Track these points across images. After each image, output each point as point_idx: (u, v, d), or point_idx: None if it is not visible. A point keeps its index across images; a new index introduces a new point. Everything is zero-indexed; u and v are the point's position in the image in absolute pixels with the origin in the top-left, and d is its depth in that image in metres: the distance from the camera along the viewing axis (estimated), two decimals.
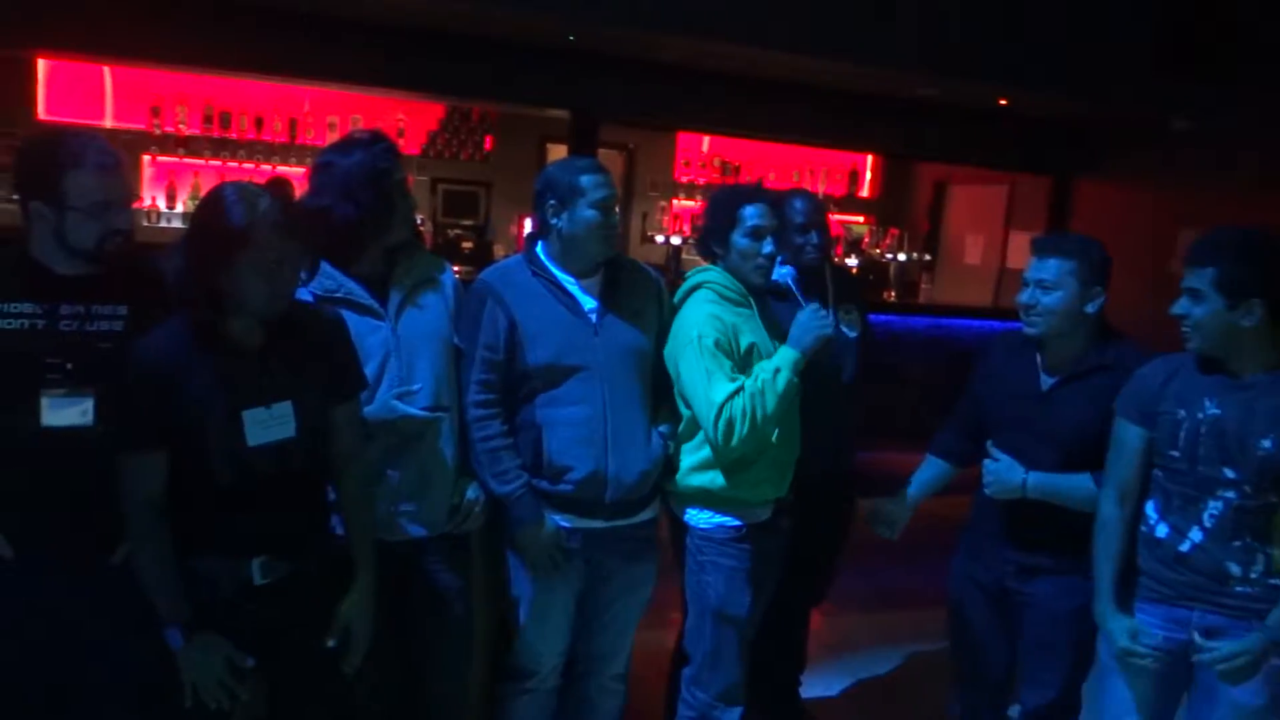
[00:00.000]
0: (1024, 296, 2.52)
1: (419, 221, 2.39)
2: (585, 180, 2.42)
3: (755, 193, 2.60)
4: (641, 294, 2.55)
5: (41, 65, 6.92)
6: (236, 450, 1.97)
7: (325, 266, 2.26)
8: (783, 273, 2.61)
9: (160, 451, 1.97)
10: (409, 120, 7.83)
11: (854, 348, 3.07)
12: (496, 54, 6.34)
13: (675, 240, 8.61)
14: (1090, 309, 2.47)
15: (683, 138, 8.73)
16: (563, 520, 2.47)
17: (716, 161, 8.89)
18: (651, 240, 8.58)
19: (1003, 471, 2.53)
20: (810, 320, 2.50)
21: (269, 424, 2.00)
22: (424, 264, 2.42)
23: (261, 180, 2.03)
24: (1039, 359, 2.58)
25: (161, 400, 1.94)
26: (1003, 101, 7.06)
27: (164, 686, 2.13)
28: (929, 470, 2.87)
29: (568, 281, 2.47)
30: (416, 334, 2.33)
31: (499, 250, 8.16)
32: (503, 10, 5.42)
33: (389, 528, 2.32)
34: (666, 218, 8.74)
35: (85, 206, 2.01)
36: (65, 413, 2.03)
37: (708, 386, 2.42)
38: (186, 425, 1.95)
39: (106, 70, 7.09)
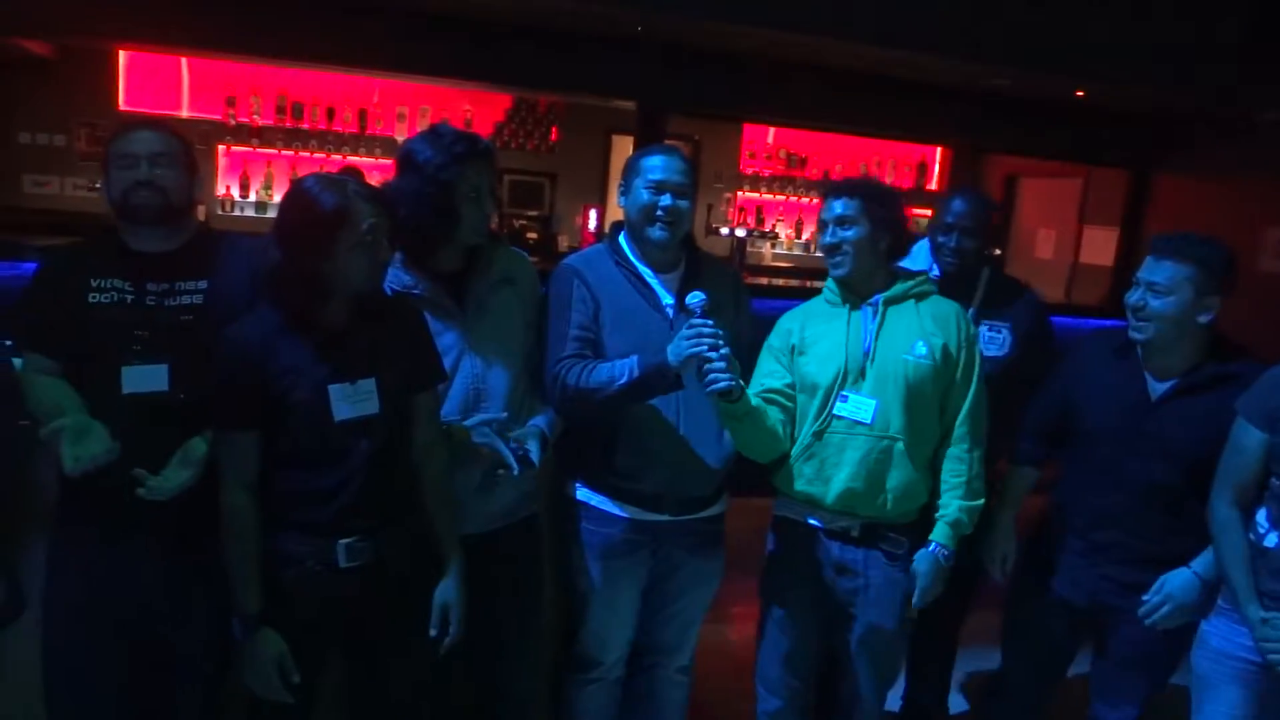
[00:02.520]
0: (1133, 297, 2.40)
1: (492, 222, 2.35)
2: (645, 162, 2.40)
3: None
4: (720, 290, 2.49)
5: (122, 57, 7.11)
6: (323, 426, 2.02)
7: (401, 262, 2.27)
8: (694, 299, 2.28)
9: (252, 432, 2.03)
10: (476, 111, 7.89)
11: (996, 366, 2.80)
12: (564, 45, 6.36)
13: (740, 233, 8.55)
14: (1203, 319, 2.34)
15: (749, 129, 8.67)
16: (631, 513, 2.46)
17: (782, 153, 8.82)
18: (716, 232, 8.53)
19: (1184, 597, 2.38)
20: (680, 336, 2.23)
21: (354, 399, 2.05)
22: (502, 263, 2.39)
23: (333, 170, 2.08)
24: (1144, 364, 2.47)
25: (250, 380, 2.00)
26: (1080, 94, 6.88)
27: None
28: (1023, 481, 2.74)
29: (647, 273, 2.44)
30: (491, 335, 2.33)
31: (563, 241, 8.20)
32: (576, 2, 5.41)
33: (466, 520, 2.32)
34: (732, 210, 8.68)
35: (116, 162, 2.17)
36: (143, 380, 2.11)
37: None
38: (274, 402, 2.01)
39: (183, 62, 7.26)
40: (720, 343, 2.17)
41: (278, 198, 7.37)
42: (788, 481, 2.50)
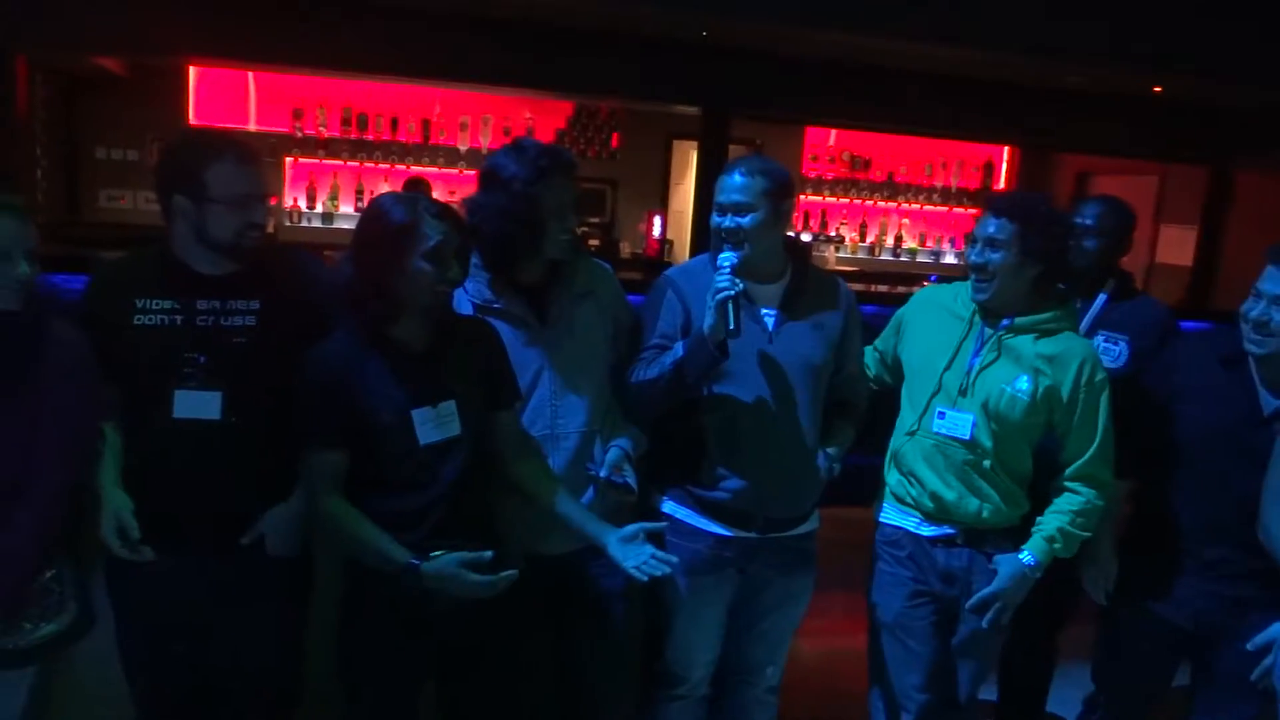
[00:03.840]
0: (1254, 311, 2.27)
1: (570, 238, 2.28)
2: (719, 182, 2.36)
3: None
4: (828, 305, 2.43)
5: (192, 73, 7.25)
6: (409, 450, 2.02)
7: (483, 276, 2.25)
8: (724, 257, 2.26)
9: (339, 451, 2.03)
10: (537, 119, 7.90)
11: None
12: (625, 51, 6.34)
13: (805, 237, 8.45)
14: None
15: (810, 132, 8.57)
16: (718, 528, 2.40)
17: (845, 155, 8.71)
18: None
19: None
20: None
21: (437, 422, 2.05)
22: (584, 276, 2.35)
23: (399, 180, 2.06)
24: (1256, 376, 2.35)
25: (335, 403, 2.00)
26: (1157, 89, 6.68)
27: (290, 671, 2.25)
28: (1118, 494, 2.60)
29: (748, 284, 2.37)
30: (572, 349, 2.29)
31: (625, 248, 8.17)
32: (643, 8, 5.39)
33: (549, 540, 2.29)
34: (794, 214, 8.58)
35: (225, 198, 2.03)
36: (195, 406, 2.07)
37: None
38: (360, 427, 2.01)
39: (250, 76, 7.38)
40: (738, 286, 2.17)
41: (344, 208, 7.49)
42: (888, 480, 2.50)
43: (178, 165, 2.07)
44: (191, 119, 7.30)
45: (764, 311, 2.37)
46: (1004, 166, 9.10)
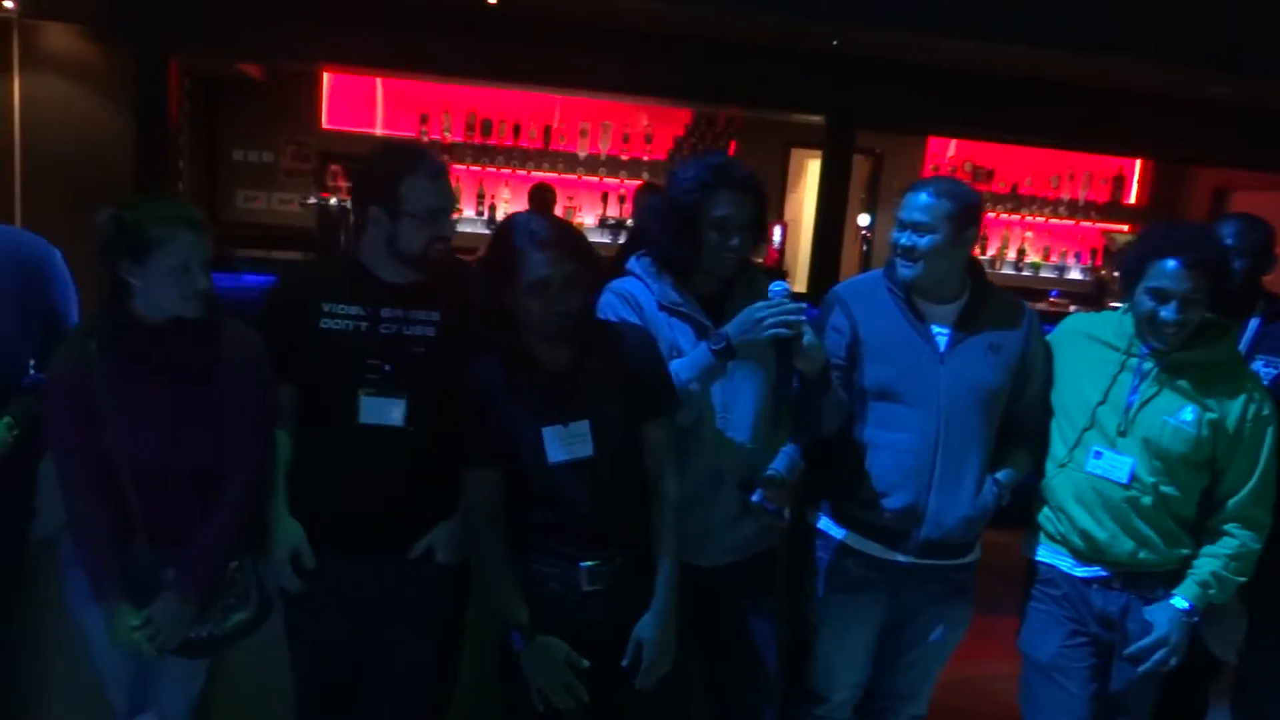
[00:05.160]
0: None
1: (732, 255, 2.24)
2: (905, 197, 2.32)
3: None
4: (1008, 327, 2.36)
5: (326, 79, 7.48)
6: (541, 466, 2.04)
7: (667, 277, 2.25)
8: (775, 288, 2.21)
9: (493, 467, 2.06)
10: (655, 126, 7.93)
11: None
12: (747, 58, 6.31)
13: None
14: None
15: (932, 142, 8.40)
16: (870, 548, 2.36)
17: (967, 166, 8.50)
18: None
19: None
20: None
21: (568, 442, 2.05)
22: (761, 289, 2.31)
23: (519, 185, 2.08)
24: None
25: (484, 419, 2.04)
26: None
27: (443, 676, 2.27)
28: None
29: (922, 304, 2.34)
30: (744, 361, 2.24)
31: None
32: (771, 16, 5.36)
33: (703, 553, 2.27)
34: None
35: (418, 212, 2.07)
36: (379, 413, 2.11)
37: None
38: (503, 442, 2.04)
39: (378, 83, 7.59)
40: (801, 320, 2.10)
41: (467, 212, 7.61)
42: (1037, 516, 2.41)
43: (375, 177, 2.13)
44: (324, 124, 7.55)
45: (936, 331, 2.32)
46: (1135, 180, 8.78)
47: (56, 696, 2.40)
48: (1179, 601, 2.28)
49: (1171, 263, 2.19)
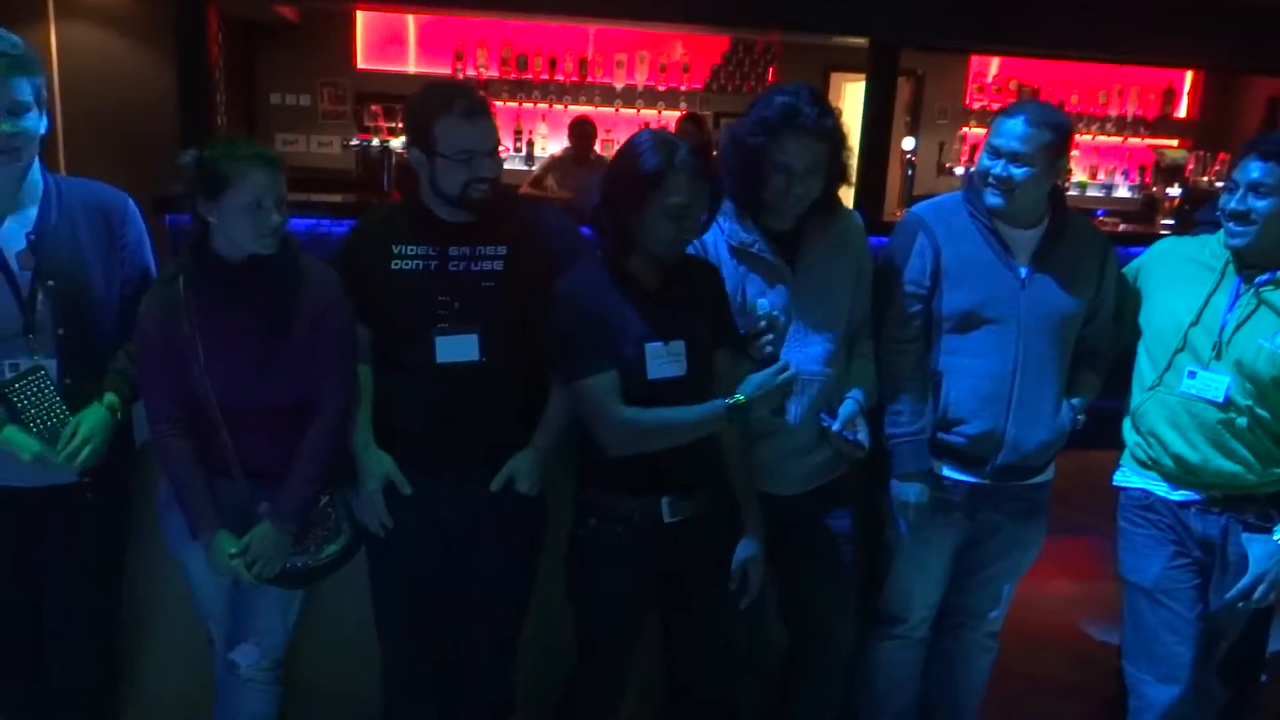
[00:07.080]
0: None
1: (796, 199, 2.19)
2: (996, 123, 2.27)
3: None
4: (1085, 254, 2.34)
5: (360, 17, 7.40)
6: (640, 383, 2.05)
7: (737, 216, 2.23)
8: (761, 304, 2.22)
9: (610, 370, 2.04)
10: (692, 55, 7.80)
11: None
12: None
13: (958, 171, 8.13)
14: None
15: (975, 60, 8.19)
16: (949, 470, 2.37)
17: (1012, 84, 8.29)
18: (950, 172, 8.13)
19: None
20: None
21: (666, 360, 2.07)
22: (840, 227, 2.31)
23: (556, 120, 2.05)
24: None
25: (593, 327, 2.04)
26: None
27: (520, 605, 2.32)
28: None
29: (1004, 229, 2.31)
30: (817, 299, 2.26)
31: None
32: None
33: (780, 481, 2.30)
34: (963, 148, 8.22)
35: (451, 153, 2.06)
36: (455, 349, 2.13)
37: None
38: (609, 353, 2.05)
39: (410, 19, 7.49)
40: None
41: (503, 147, 7.55)
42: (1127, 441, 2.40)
43: (413, 120, 2.13)
44: (359, 64, 7.49)
45: (1019, 258, 2.30)
46: (1186, 93, 8.53)
47: (163, 638, 2.49)
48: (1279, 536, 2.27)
49: (1248, 159, 2.21)
